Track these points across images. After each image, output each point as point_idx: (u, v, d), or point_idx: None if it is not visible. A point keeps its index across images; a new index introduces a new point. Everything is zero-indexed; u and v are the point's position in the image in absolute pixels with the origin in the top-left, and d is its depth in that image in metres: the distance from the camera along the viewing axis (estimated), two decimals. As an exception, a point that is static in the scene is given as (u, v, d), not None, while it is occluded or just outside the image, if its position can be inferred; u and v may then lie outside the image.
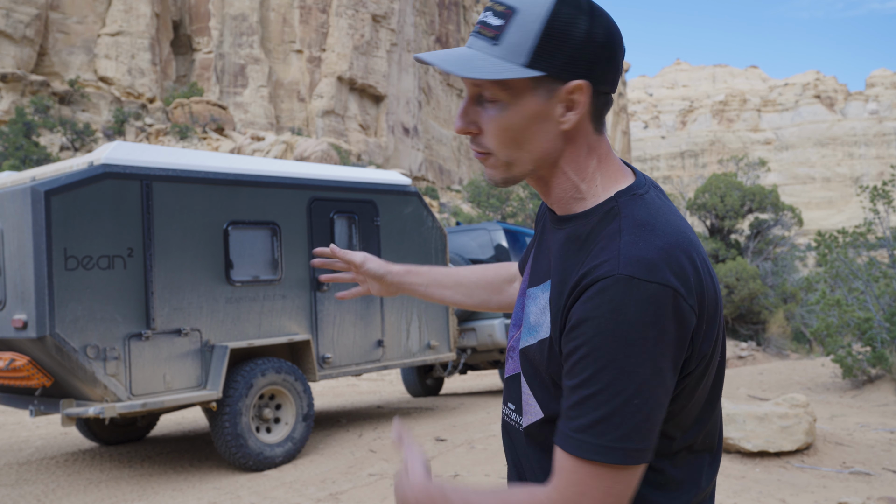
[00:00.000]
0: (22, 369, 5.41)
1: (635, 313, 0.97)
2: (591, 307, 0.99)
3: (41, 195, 5.12)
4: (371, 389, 11.56)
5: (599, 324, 0.98)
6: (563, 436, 1.00)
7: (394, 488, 1.18)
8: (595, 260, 1.03)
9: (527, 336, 1.15)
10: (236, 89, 56.15)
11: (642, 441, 0.97)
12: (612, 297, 0.98)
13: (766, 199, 22.30)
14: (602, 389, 0.97)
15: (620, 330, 0.97)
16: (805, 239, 33.36)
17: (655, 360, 0.97)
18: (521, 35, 1.05)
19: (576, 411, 0.99)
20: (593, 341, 0.98)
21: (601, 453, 0.97)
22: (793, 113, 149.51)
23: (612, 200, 1.10)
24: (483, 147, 1.11)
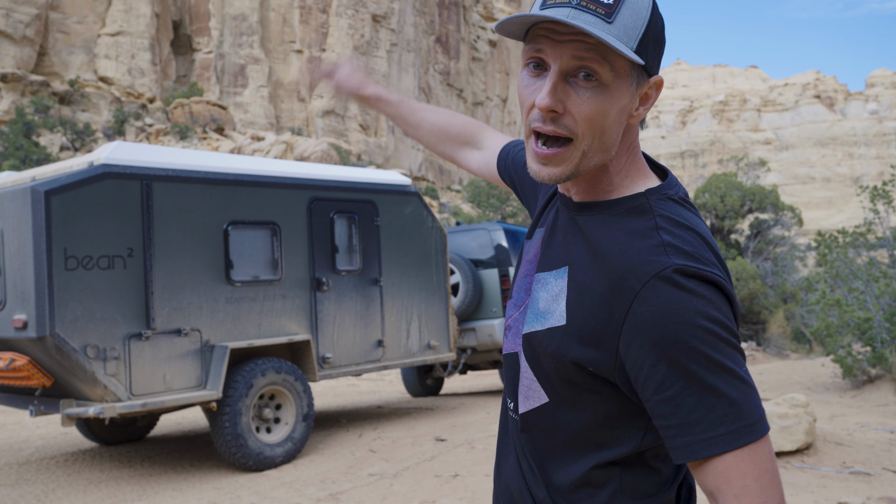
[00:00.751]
0: (22, 369, 5.41)
1: (703, 300, 0.98)
2: (659, 303, 0.98)
3: (41, 195, 5.12)
4: (371, 389, 11.56)
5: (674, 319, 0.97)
6: (705, 442, 0.96)
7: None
8: (639, 254, 1.02)
9: (533, 321, 1.13)
10: (236, 89, 56.15)
11: (762, 408, 0.99)
12: (678, 289, 0.98)
13: (766, 199, 22.30)
14: (712, 380, 0.96)
15: (696, 319, 0.97)
16: (805, 239, 33.37)
17: (732, 337, 0.99)
18: (633, 18, 1.01)
19: (700, 412, 0.96)
20: (676, 339, 0.97)
21: (751, 432, 0.96)
22: (793, 113, 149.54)
23: (641, 196, 1.09)
24: (566, 129, 1.03)
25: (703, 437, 0.96)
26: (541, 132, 1.04)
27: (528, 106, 1.05)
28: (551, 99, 1.01)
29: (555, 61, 1.01)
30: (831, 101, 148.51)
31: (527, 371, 1.14)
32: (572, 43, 1.00)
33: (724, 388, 0.96)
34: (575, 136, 1.03)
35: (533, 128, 1.05)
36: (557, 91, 1.02)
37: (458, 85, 75.81)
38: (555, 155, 1.04)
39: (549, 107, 1.01)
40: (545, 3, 1.01)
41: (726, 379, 0.97)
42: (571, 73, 1.02)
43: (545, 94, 1.01)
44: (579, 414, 1.10)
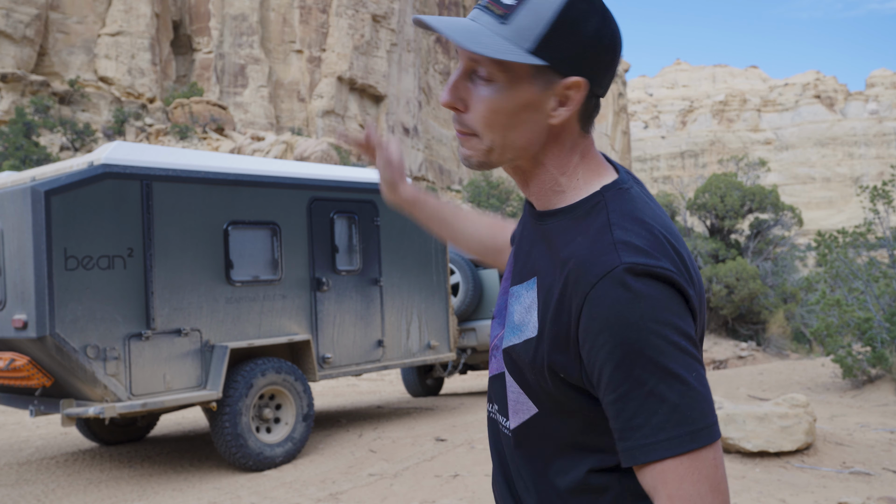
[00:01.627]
0: (22, 369, 5.41)
1: (651, 301, 0.96)
2: (606, 305, 0.97)
3: (41, 195, 5.12)
4: (371, 389, 11.56)
5: (620, 321, 0.96)
6: (644, 448, 0.96)
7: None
8: (590, 254, 1.01)
9: (510, 335, 1.13)
10: (236, 89, 56.14)
11: (712, 415, 0.97)
12: (625, 291, 0.97)
13: (766, 199, 22.30)
14: (655, 384, 0.95)
15: (643, 322, 0.96)
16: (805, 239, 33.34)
17: (682, 339, 0.97)
18: (532, 19, 1.02)
19: (641, 417, 0.95)
20: (621, 342, 0.96)
21: (693, 440, 0.95)
22: (793, 113, 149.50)
23: (598, 195, 1.09)
24: (467, 127, 1.07)
25: (643, 442, 0.95)
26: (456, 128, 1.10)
27: None
28: (449, 95, 1.06)
29: (460, 61, 1.07)
30: (831, 101, 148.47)
31: (512, 385, 1.14)
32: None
33: (667, 393, 0.95)
34: (476, 133, 1.07)
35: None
36: (459, 89, 1.06)
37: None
38: (465, 141, 1.09)
39: (447, 102, 1.07)
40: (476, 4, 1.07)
41: (671, 384, 0.95)
42: (472, 71, 1.06)
43: (445, 90, 1.07)
44: (567, 420, 1.09)
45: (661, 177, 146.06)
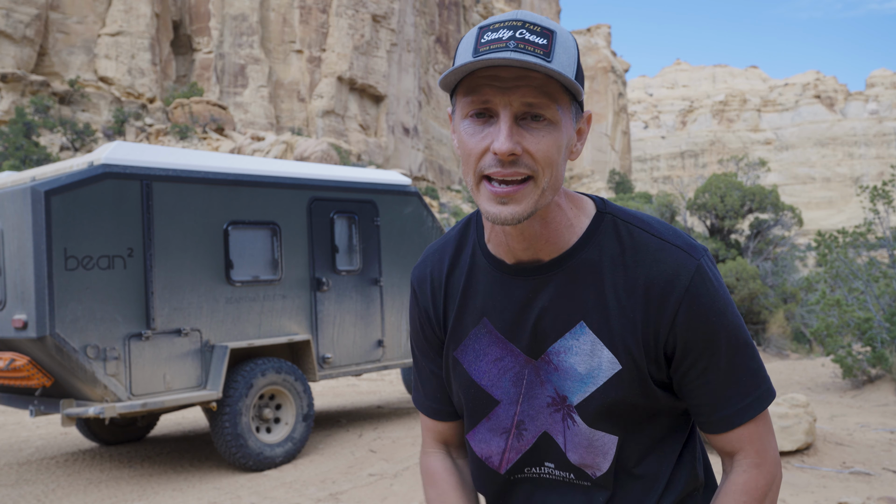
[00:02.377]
0: (22, 369, 5.41)
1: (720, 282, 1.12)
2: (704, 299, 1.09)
3: (41, 195, 5.12)
4: (371, 389, 11.56)
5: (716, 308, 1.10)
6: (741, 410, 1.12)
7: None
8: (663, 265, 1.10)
9: (581, 388, 1.12)
10: (236, 89, 56.13)
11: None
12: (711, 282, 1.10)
13: (766, 199, 22.29)
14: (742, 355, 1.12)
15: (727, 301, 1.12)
16: (805, 239, 33.36)
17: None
18: (566, 57, 1.03)
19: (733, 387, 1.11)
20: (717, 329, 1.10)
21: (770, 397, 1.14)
22: (793, 113, 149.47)
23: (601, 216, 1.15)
24: (527, 168, 1.02)
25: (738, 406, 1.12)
26: (496, 177, 1.03)
27: (478, 154, 1.04)
28: (511, 142, 1.01)
29: (504, 108, 1.02)
30: (831, 101, 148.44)
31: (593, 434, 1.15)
32: (519, 89, 1.00)
33: (749, 361, 1.13)
34: (535, 174, 1.03)
35: (489, 174, 1.03)
36: (514, 134, 1.02)
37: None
38: (516, 192, 1.03)
39: (510, 150, 1.01)
40: (478, 51, 1.01)
41: (751, 353, 1.13)
42: (522, 116, 1.03)
43: (504, 138, 1.00)
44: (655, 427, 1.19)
45: (661, 177, 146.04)
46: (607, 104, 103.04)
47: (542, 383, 1.15)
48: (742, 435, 1.13)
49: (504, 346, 1.17)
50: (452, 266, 1.23)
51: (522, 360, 1.16)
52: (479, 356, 1.20)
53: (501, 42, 1.00)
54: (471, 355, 1.20)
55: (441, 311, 1.24)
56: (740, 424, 1.12)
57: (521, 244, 1.12)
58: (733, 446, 1.14)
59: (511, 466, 1.22)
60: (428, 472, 1.32)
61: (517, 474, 1.23)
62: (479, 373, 1.20)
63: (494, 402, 1.20)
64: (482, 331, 1.19)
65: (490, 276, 1.17)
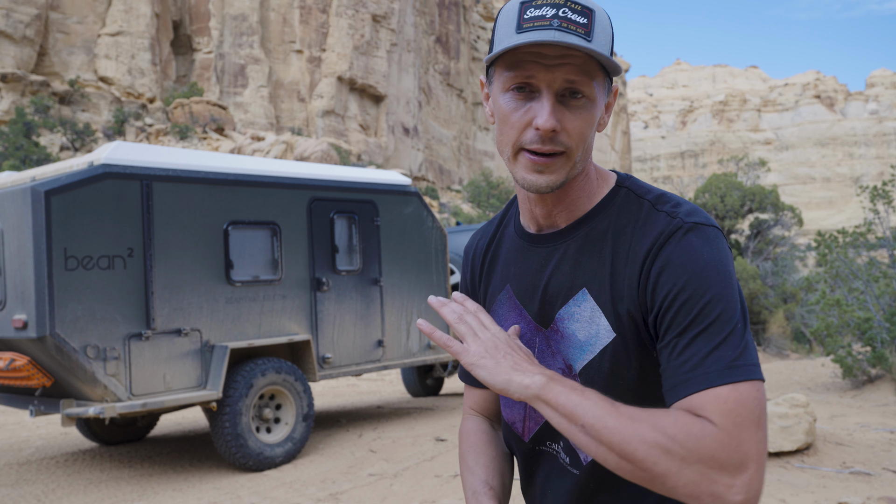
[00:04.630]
0: (22, 369, 5.41)
1: (716, 249, 1.06)
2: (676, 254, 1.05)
3: (41, 195, 5.12)
4: (371, 389, 11.56)
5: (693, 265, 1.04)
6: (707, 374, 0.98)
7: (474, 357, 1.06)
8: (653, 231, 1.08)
9: (580, 354, 1.14)
10: (236, 89, 56.13)
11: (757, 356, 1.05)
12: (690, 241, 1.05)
13: (766, 199, 22.30)
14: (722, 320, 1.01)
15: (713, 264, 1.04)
16: (805, 239, 33.34)
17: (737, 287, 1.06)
18: (604, 35, 1.08)
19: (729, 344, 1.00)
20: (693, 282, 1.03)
21: (752, 372, 1.00)
22: (793, 113, 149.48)
23: (619, 188, 1.17)
24: (563, 145, 1.08)
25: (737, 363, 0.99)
26: (539, 151, 1.09)
27: (521, 127, 1.09)
28: (554, 120, 1.06)
29: (548, 85, 1.07)
30: (831, 101, 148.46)
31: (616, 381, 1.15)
32: (563, 66, 1.06)
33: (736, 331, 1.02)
34: (569, 150, 1.09)
35: (532, 148, 1.09)
36: (556, 112, 1.07)
37: (458, 85, 75.81)
38: (552, 163, 1.09)
39: (553, 127, 1.06)
40: (522, 27, 1.06)
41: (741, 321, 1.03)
42: (563, 93, 1.08)
43: (547, 116, 1.06)
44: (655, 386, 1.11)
45: (661, 177, 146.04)
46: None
47: (554, 354, 1.18)
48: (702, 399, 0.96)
49: (520, 313, 1.22)
50: (493, 237, 1.32)
51: (533, 327, 1.20)
52: (501, 321, 1.25)
53: (545, 20, 1.05)
54: (496, 320, 1.26)
55: (478, 278, 1.33)
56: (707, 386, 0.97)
57: (543, 210, 1.18)
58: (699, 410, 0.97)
59: (533, 436, 1.25)
60: (462, 433, 1.40)
61: (540, 446, 1.25)
62: None
63: None
64: (504, 297, 1.25)
65: (516, 244, 1.25)
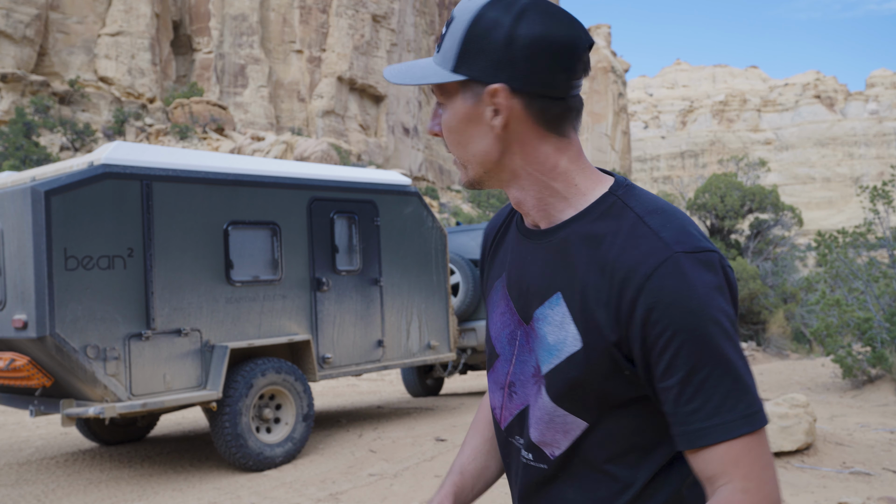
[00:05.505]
0: (22, 369, 5.41)
1: (705, 284, 1.00)
2: (666, 294, 1.00)
3: (41, 195, 5.12)
4: (371, 389, 11.56)
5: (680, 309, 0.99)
6: (714, 429, 0.98)
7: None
8: (636, 249, 1.03)
9: (549, 357, 1.12)
10: (236, 89, 56.14)
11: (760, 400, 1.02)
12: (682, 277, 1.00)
13: (766, 199, 22.30)
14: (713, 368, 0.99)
15: (702, 304, 0.99)
16: (805, 239, 33.33)
17: (732, 326, 1.02)
18: (451, 41, 1.09)
19: (698, 401, 0.99)
20: (683, 327, 0.99)
21: (757, 420, 0.99)
22: (793, 113, 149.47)
23: (609, 196, 1.11)
24: (448, 149, 1.18)
25: (718, 421, 0.99)
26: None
27: None
28: (431, 123, 1.17)
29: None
30: (831, 101, 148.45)
31: (555, 410, 1.13)
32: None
33: (723, 378, 0.99)
34: (452, 153, 1.17)
35: None
36: (437, 116, 1.16)
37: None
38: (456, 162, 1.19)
39: (430, 131, 1.18)
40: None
41: (726, 370, 0.99)
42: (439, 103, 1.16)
43: (430, 121, 1.17)
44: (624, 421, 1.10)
45: (661, 177, 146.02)
46: (607, 104, 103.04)
47: (530, 351, 1.17)
48: (725, 456, 0.99)
49: (507, 303, 1.22)
50: (504, 221, 1.33)
51: (517, 319, 1.20)
52: (494, 307, 1.27)
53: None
54: (491, 305, 1.28)
55: (486, 260, 1.36)
56: (698, 447, 0.99)
57: (518, 209, 1.19)
58: (708, 469, 1.00)
59: (507, 425, 1.25)
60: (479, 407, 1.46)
61: (510, 436, 1.25)
62: (492, 323, 1.27)
63: (496, 354, 1.25)
64: (499, 284, 1.26)
65: (515, 234, 1.25)
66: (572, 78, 1.08)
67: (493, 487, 4.97)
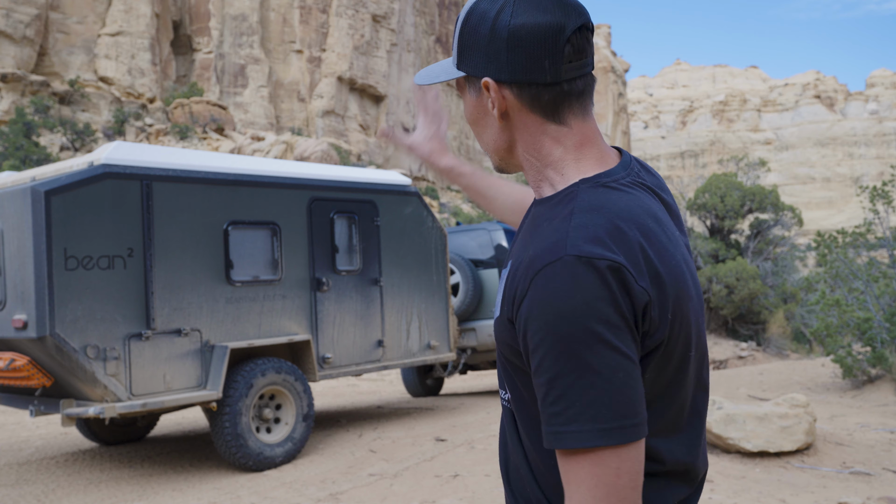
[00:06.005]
0: (22, 369, 5.41)
1: (589, 291, 0.96)
2: (545, 292, 0.98)
3: (41, 195, 5.12)
4: (371, 389, 11.56)
5: (555, 310, 0.97)
6: (558, 435, 0.97)
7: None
8: (544, 241, 1.03)
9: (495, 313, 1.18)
10: (236, 89, 56.13)
11: (631, 416, 0.96)
12: (563, 280, 0.98)
13: (766, 199, 22.29)
14: (579, 376, 0.96)
15: (578, 311, 0.96)
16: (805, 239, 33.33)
17: (612, 335, 0.96)
18: (454, 38, 1.18)
19: (559, 405, 0.97)
20: (552, 331, 0.97)
21: (604, 437, 0.95)
22: (793, 113, 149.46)
23: (573, 186, 1.10)
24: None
25: (558, 429, 0.97)
26: None
27: None
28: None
29: None
30: (831, 101, 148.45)
31: (500, 356, 1.19)
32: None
33: (586, 388, 0.95)
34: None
35: None
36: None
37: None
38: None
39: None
40: None
41: (592, 380, 0.95)
42: None
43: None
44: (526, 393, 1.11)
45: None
46: (607, 104, 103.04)
47: None
48: (563, 468, 0.99)
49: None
50: None
51: None
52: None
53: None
54: None
55: None
56: (556, 447, 0.98)
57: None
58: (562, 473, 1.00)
59: None
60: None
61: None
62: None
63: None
64: None
65: None
66: (559, 62, 1.07)
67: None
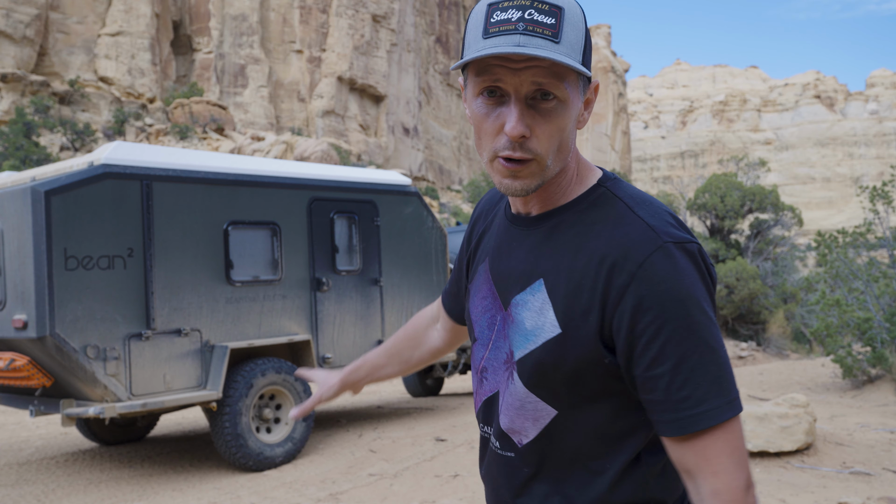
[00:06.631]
0: (22, 369, 5.41)
1: (692, 274, 1.03)
2: (653, 281, 1.01)
3: (41, 195, 5.12)
4: (371, 389, 11.56)
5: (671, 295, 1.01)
6: (690, 419, 1.00)
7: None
8: (626, 238, 1.05)
9: (524, 343, 1.12)
10: (236, 89, 56.12)
11: (736, 386, 1.04)
12: (671, 265, 1.02)
13: (766, 199, 22.28)
14: (701, 356, 1.00)
15: (691, 294, 1.01)
16: (805, 239, 33.33)
17: (713, 313, 1.04)
18: (574, 34, 1.04)
19: (686, 389, 1.00)
20: (673, 315, 1.01)
21: (732, 409, 1.01)
22: (793, 113, 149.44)
23: (598, 187, 1.13)
24: (531, 152, 1.05)
25: (691, 412, 1.00)
26: (511, 158, 1.06)
27: (492, 133, 1.07)
28: (521, 126, 1.03)
29: (515, 89, 1.03)
30: (831, 101, 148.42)
31: (527, 396, 1.13)
32: (529, 69, 1.02)
33: (709, 366, 1.01)
34: (538, 157, 1.05)
35: (503, 155, 1.06)
36: (525, 117, 1.04)
37: (458, 85, 75.74)
38: (524, 168, 1.06)
39: (521, 134, 1.03)
40: (488, 32, 1.03)
41: (713, 357, 1.01)
42: (532, 96, 1.04)
43: (515, 122, 1.03)
44: (596, 411, 1.11)
45: (661, 177, 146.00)
46: (607, 104, 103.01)
47: (505, 337, 1.17)
48: (696, 448, 1.00)
49: (490, 288, 1.22)
50: (495, 205, 1.33)
51: (498, 305, 1.20)
52: (476, 292, 1.27)
53: (511, 24, 1.01)
54: (473, 290, 1.28)
55: (472, 241, 1.35)
56: (691, 432, 1.00)
57: (518, 198, 1.18)
58: (687, 462, 1.02)
59: (477, 412, 1.27)
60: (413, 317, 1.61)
61: (481, 424, 1.27)
62: (472, 307, 1.28)
63: (474, 338, 1.27)
64: (483, 269, 1.26)
65: (502, 220, 1.25)
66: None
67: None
